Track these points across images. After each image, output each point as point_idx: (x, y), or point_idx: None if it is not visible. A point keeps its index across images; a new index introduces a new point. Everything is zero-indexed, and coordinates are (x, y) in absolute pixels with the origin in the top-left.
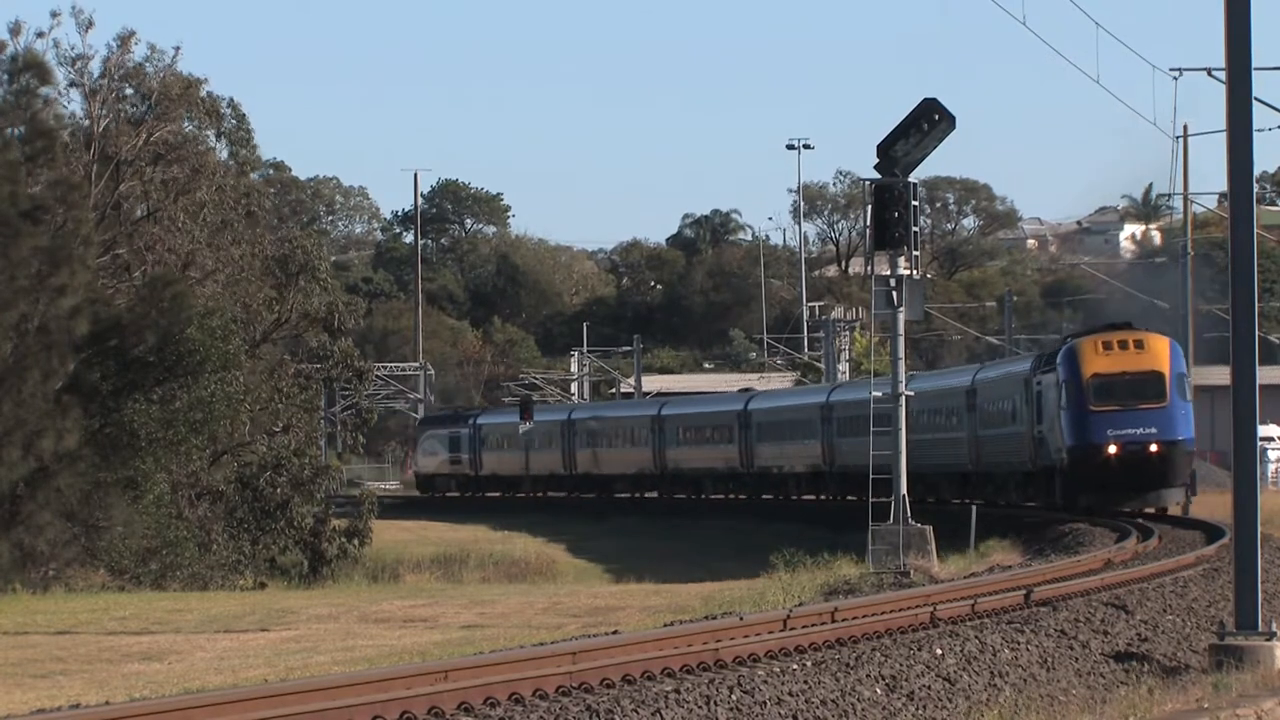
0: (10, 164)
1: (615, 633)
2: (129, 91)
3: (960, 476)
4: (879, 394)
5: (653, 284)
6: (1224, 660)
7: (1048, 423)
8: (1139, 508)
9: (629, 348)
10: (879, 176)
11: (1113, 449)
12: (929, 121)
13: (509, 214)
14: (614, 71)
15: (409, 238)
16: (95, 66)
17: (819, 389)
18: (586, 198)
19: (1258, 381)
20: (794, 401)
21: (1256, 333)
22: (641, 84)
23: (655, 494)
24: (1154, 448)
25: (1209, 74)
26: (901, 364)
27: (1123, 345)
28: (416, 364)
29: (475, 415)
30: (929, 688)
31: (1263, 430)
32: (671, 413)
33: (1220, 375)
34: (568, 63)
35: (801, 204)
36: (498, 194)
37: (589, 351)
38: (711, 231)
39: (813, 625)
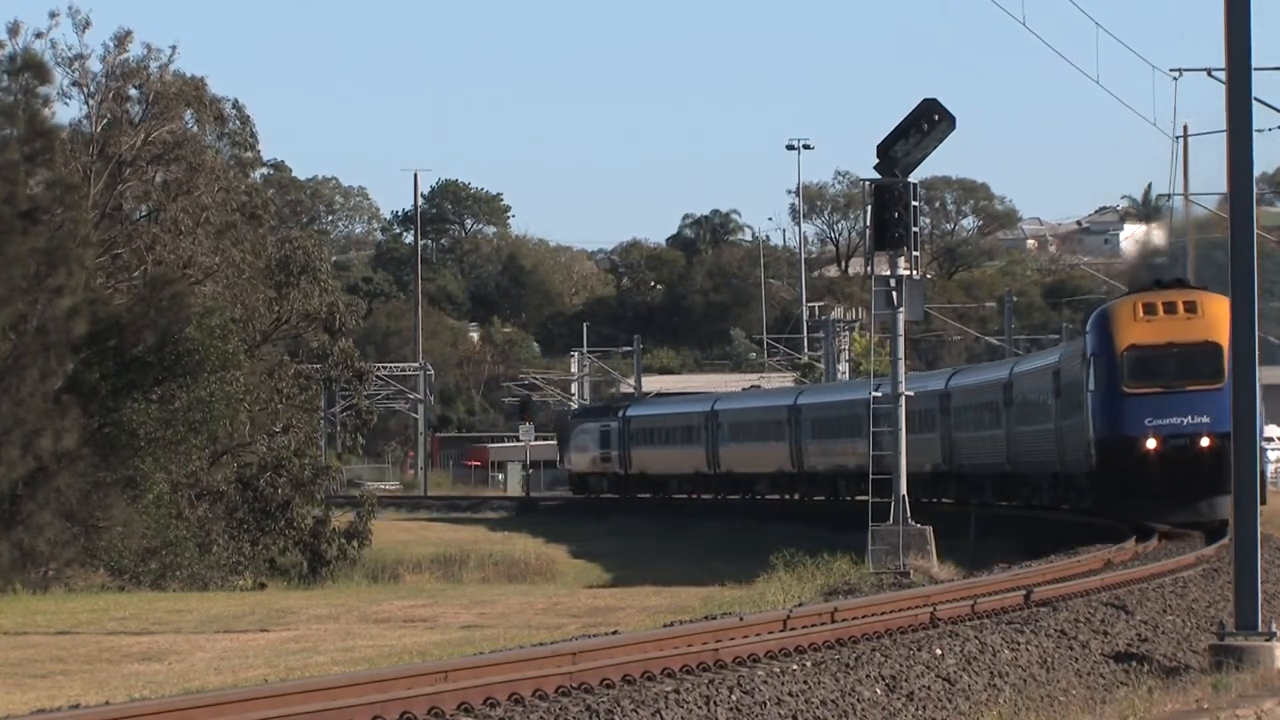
0: (8, 164)
1: (615, 633)
2: (129, 91)
3: (999, 477)
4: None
5: (653, 284)
6: (1224, 660)
7: (1068, 412)
8: (1187, 520)
9: (629, 348)
10: (879, 177)
11: (1152, 443)
12: (929, 122)
13: (509, 214)
14: (614, 71)
15: (409, 238)
16: (93, 66)
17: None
18: (586, 198)
19: (1258, 382)
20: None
21: (1256, 333)
22: (641, 84)
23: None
24: (1206, 442)
25: (1209, 74)
26: (901, 364)
27: (1169, 308)
28: (416, 364)
29: (625, 407)
30: (929, 688)
31: (1264, 430)
32: (808, 402)
33: None
34: (568, 63)
35: (801, 204)
36: (498, 194)
37: (589, 352)
38: (711, 231)
39: (813, 625)
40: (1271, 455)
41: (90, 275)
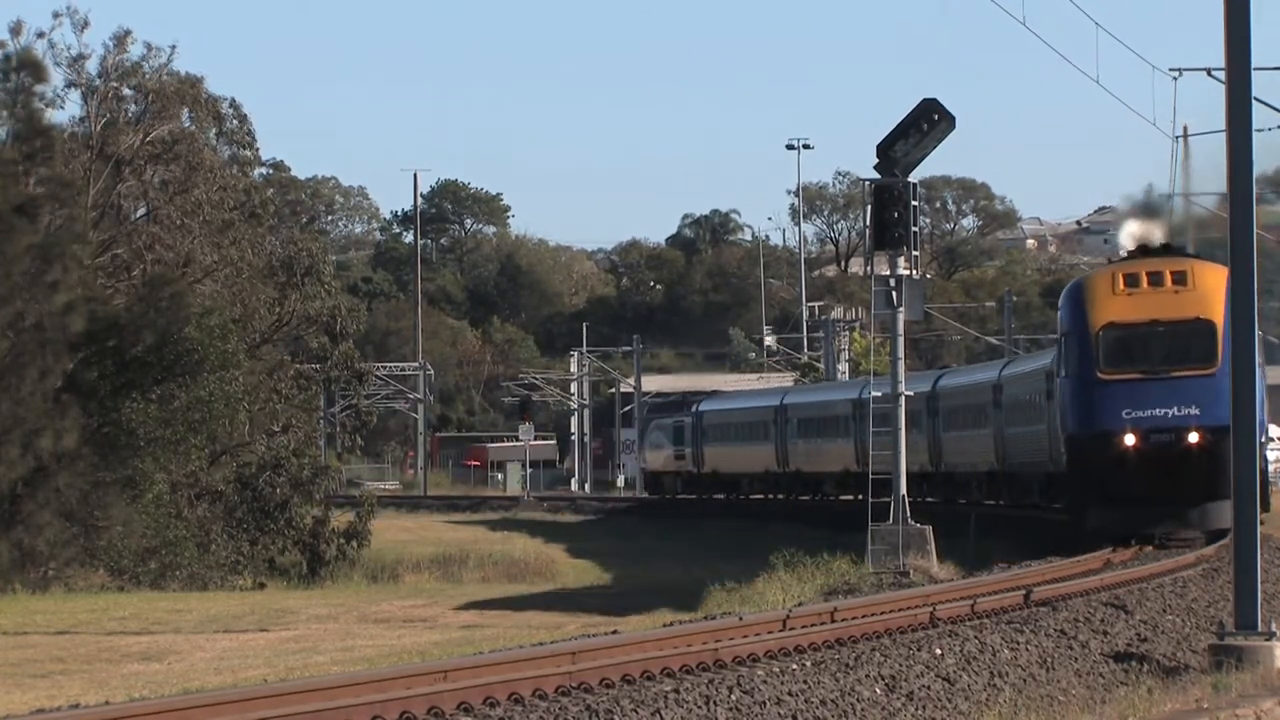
0: (4, 162)
1: (615, 633)
2: (127, 91)
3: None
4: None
5: (652, 284)
6: (1224, 660)
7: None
8: (1174, 531)
9: (629, 348)
10: (879, 176)
11: (1131, 440)
12: (929, 121)
13: (509, 214)
14: (613, 71)
15: (409, 238)
16: (92, 66)
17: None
18: (586, 198)
19: (1259, 380)
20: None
21: (1256, 333)
22: (641, 84)
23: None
24: (1195, 437)
25: (1209, 74)
26: (901, 364)
27: (1155, 280)
28: (416, 364)
29: (699, 401)
30: (928, 688)
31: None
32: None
33: None
34: (567, 63)
35: (801, 204)
36: (498, 194)
37: (589, 351)
38: (711, 231)
39: (812, 625)
40: (1271, 455)
41: (88, 273)
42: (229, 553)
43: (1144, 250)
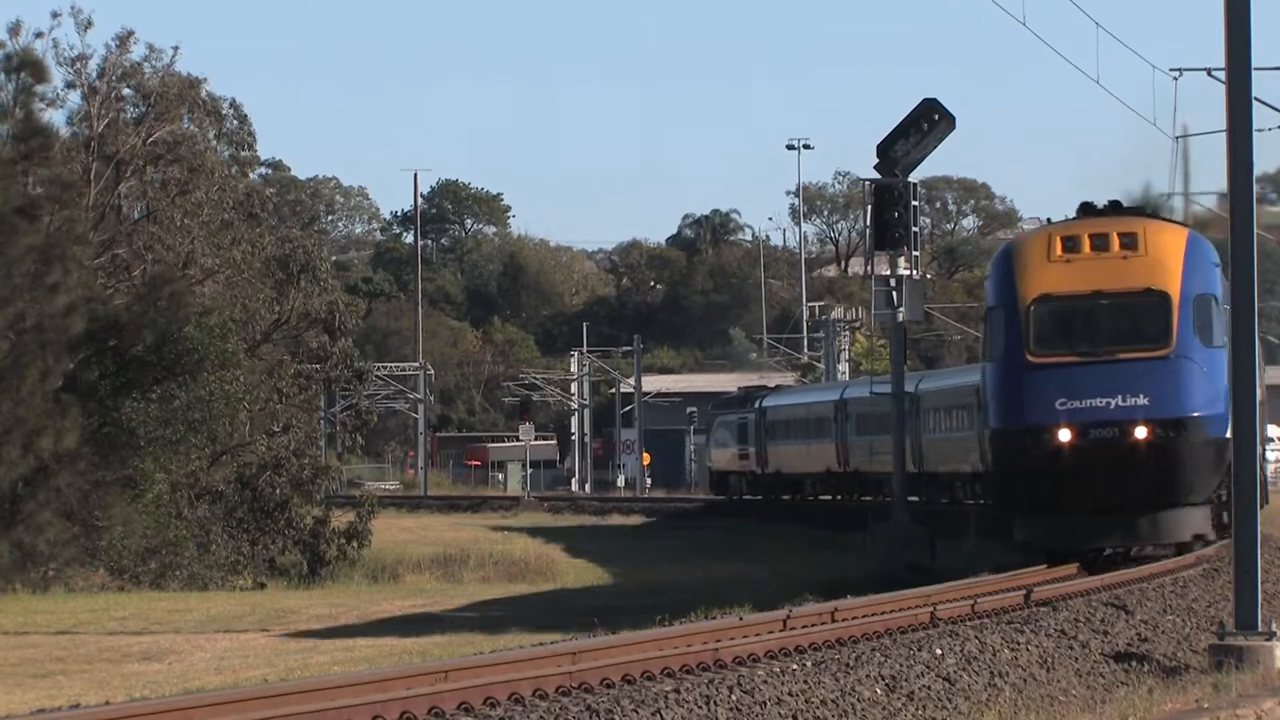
0: (7, 163)
1: (615, 633)
2: (128, 91)
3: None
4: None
5: (653, 284)
6: (1224, 660)
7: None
8: (1122, 546)
9: (629, 348)
10: (879, 177)
11: (1066, 435)
12: (929, 122)
13: (509, 214)
14: (614, 71)
15: (409, 238)
16: (94, 66)
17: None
18: (586, 198)
19: (1259, 382)
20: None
21: (1257, 333)
22: (641, 84)
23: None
24: (1143, 433)
25: (1209, 74)
26: (903, 363)
27: (1099, 243)
28: (416, 364)
29: (762, 396)
30: (929, 688)
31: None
32: (929, 388)
33: None
34: (567, 63)
35: (801, 204)
36: (498, 194)
37: (589, 351)
38: (711, 231)
39: (812, 625)
40: (1270, 455)
41: (89, 273)
42: (229, 553)
43: (1087, 209)
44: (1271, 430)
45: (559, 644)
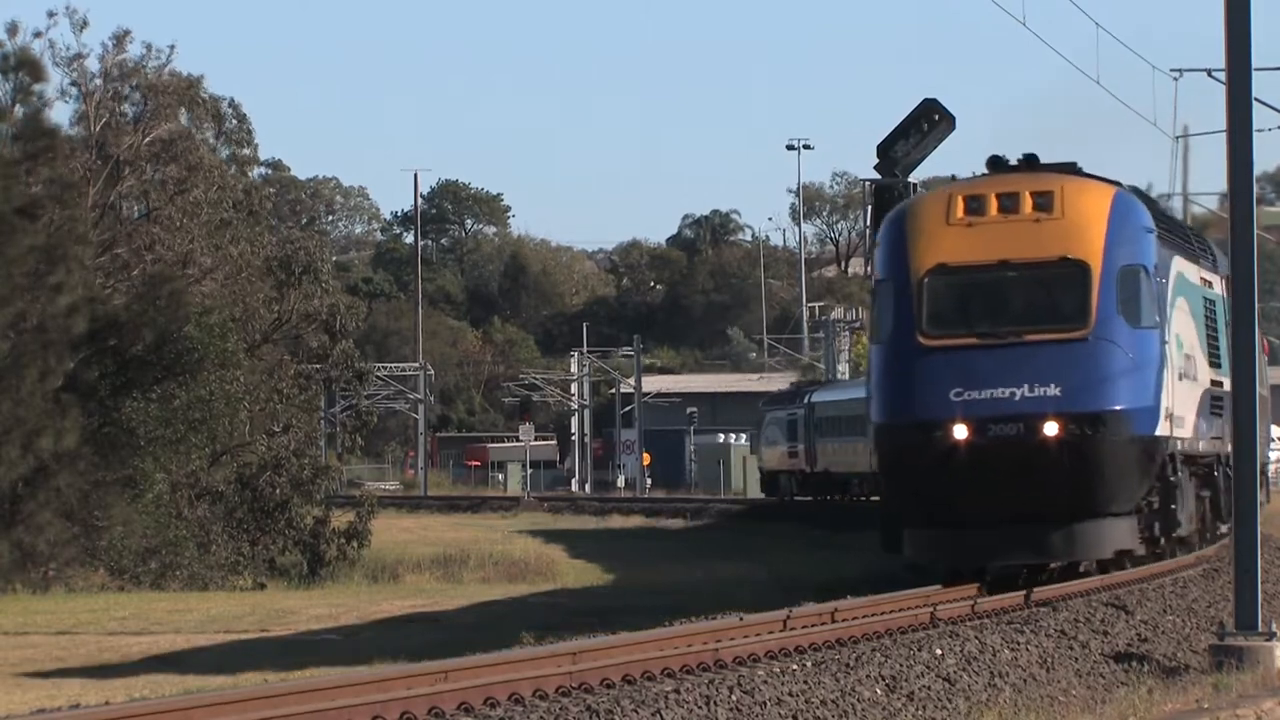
0: (5, 162)
1: (615, 633)
2: (126, 90)
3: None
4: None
5: (653, 284)
6: (1224, 660)
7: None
8: (1031, 564)
9: (629, 348)
10: (879, 177)
11: (961, 431)
12: (929, 122)
13: (509, 214)
14: (613, 72)
15: (409, 238)
16: (92, 66)
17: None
18: (587, 198)
19: (1259, 383)
20: None
21: (1258, 333)
22: (641, 84)
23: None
24: (1053, 429)
25: (1209, 74)
26: None
27: (1007, 204)
28: (416, 364)
29: (811, 391)
30: (929, 688)
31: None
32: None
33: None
34: (567, 63)
35: (801, 204)
36: (498, 194)
37: (589, 352)
38: (711, 232)
39: (813, 625)
40: (1271, 456)
41: (89, 273)
42: (229, 553)
43: (996, 163)
44: (1274, 430)
45: (559, 644)
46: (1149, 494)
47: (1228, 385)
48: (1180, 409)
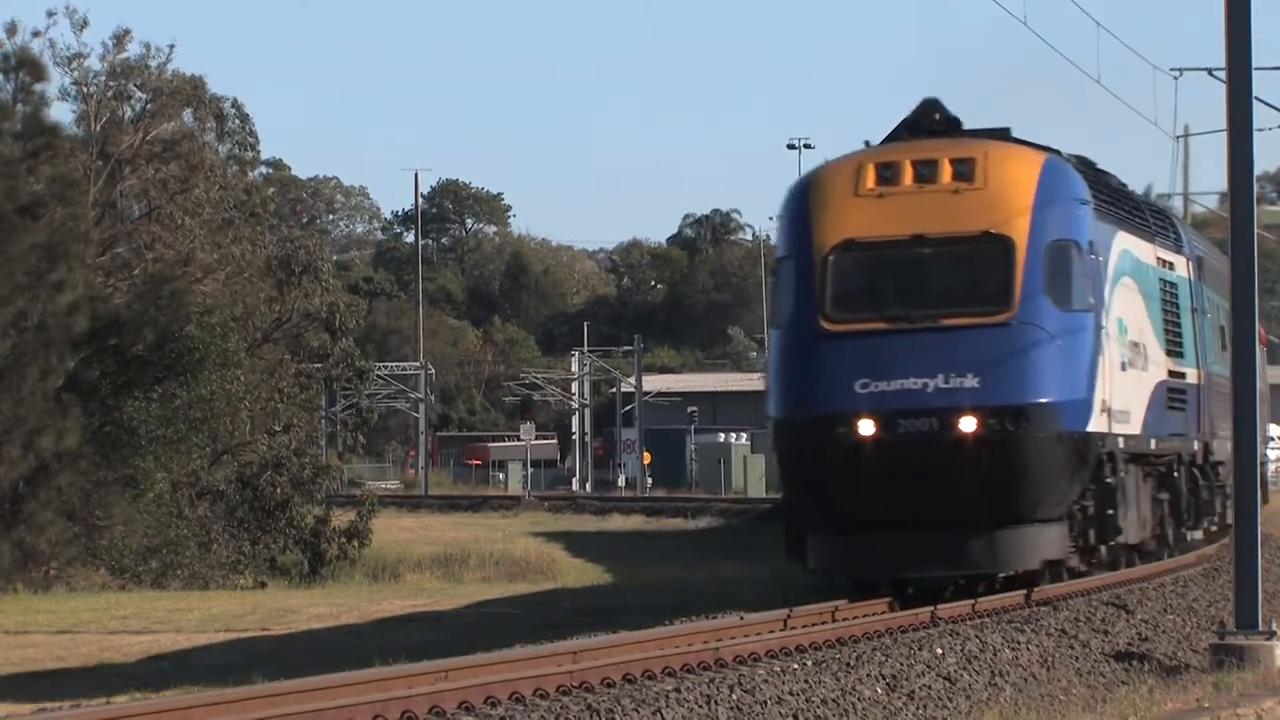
0: (6, 160)
1: (615, 632)
2: (131, 90)
3: None
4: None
5: (653, 283)
6: (1224, 659)
7: None
8: (948, 575)
9: (629, 347)
10: None
11: (868, 427)
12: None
13: (510, 214)
14: (614, 71)
15: (409, 237)
16: (92, 65)
17: None
18: (587, 197)
19: (1259, 381)
20: None
21: (1258, 332)
22: (642, 84)
23: None
24: (970, 424)
25: (1209, 74)
26: None
27: (923, 173)
28: (417, 364)
29: None
30: (929, 687)
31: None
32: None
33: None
34: (567, 63)
35: None
36: (498, 194)
37: (589, 351)
38: (712, 231)
39: (813, 625)
40: (1271, 454)
41: (91, 272)
42: (230, 552)
43: (913, 127)
44: (1272, 429)
45: (560, 643)
46: (1082, 497)
47: (1192, 376)
48: (1122, 402)
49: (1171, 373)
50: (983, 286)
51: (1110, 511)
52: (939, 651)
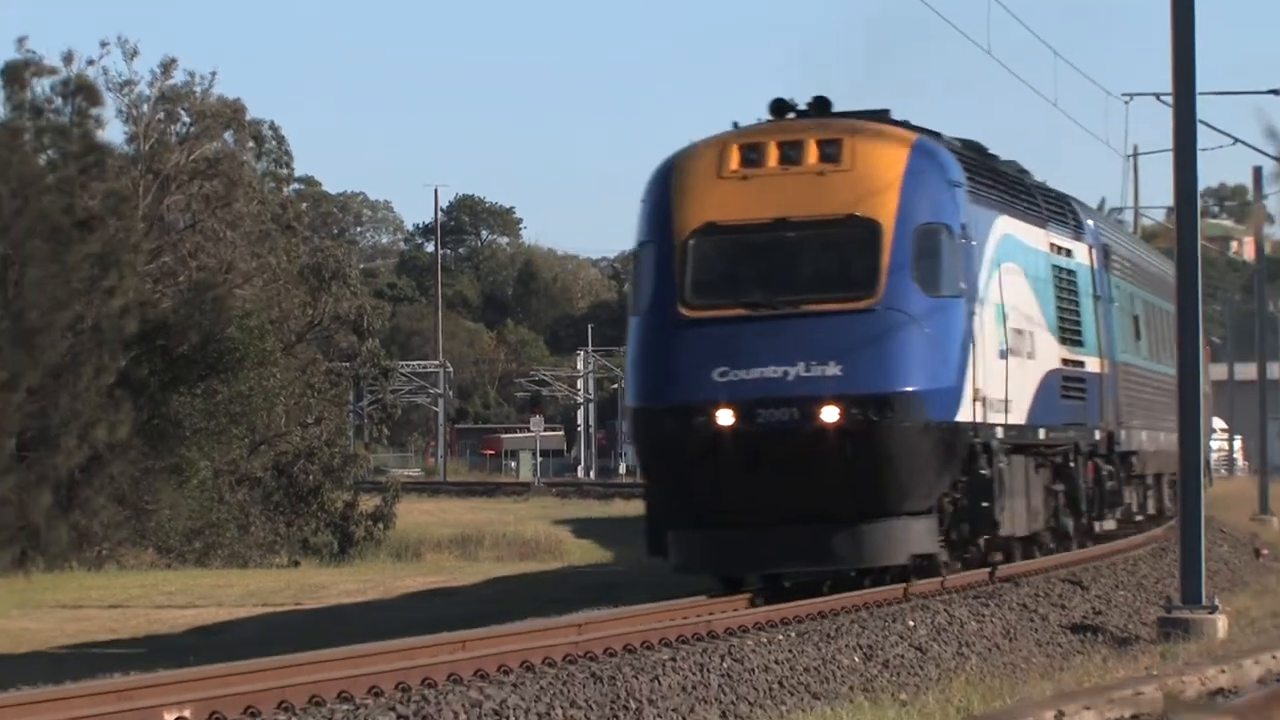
0: (66, 178)
1: (618, 606)
2: (178, 113)
3: None
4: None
5: None
6: (1171, 631)
7: None
8: (813, 571)
9: None
10: None
11: (726, 418)
12: None
13: (521, 226)
14: (615, 82)
15: (430, 247)
16: (142, 90)
17: None
18: (591, 211)
19: (1200, 377)
20: None
21: (1201, 334)
22: (642, 89)
23: None
24: (832, 414)
25: (1157, 98)
26: None
27: (790, 154)
28: (437, 362)
29: None
30: (903, 656)
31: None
32: None
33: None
34: (573, 86)
35: None
36: (510, 208)
37: (593, 351)
38: None
39: (798, 599)
40: (1213, 445)
41: (140, 279)
42: (267, 533)
43: (781, 108)
44: (1216, 422)
45: (567, 616)
46: (953, 489)
47: (1093, 365)
48: (1001, 390)
49: (1067, 361)
50: (847, 271)
51: (985, 504)
52: (911, 624)
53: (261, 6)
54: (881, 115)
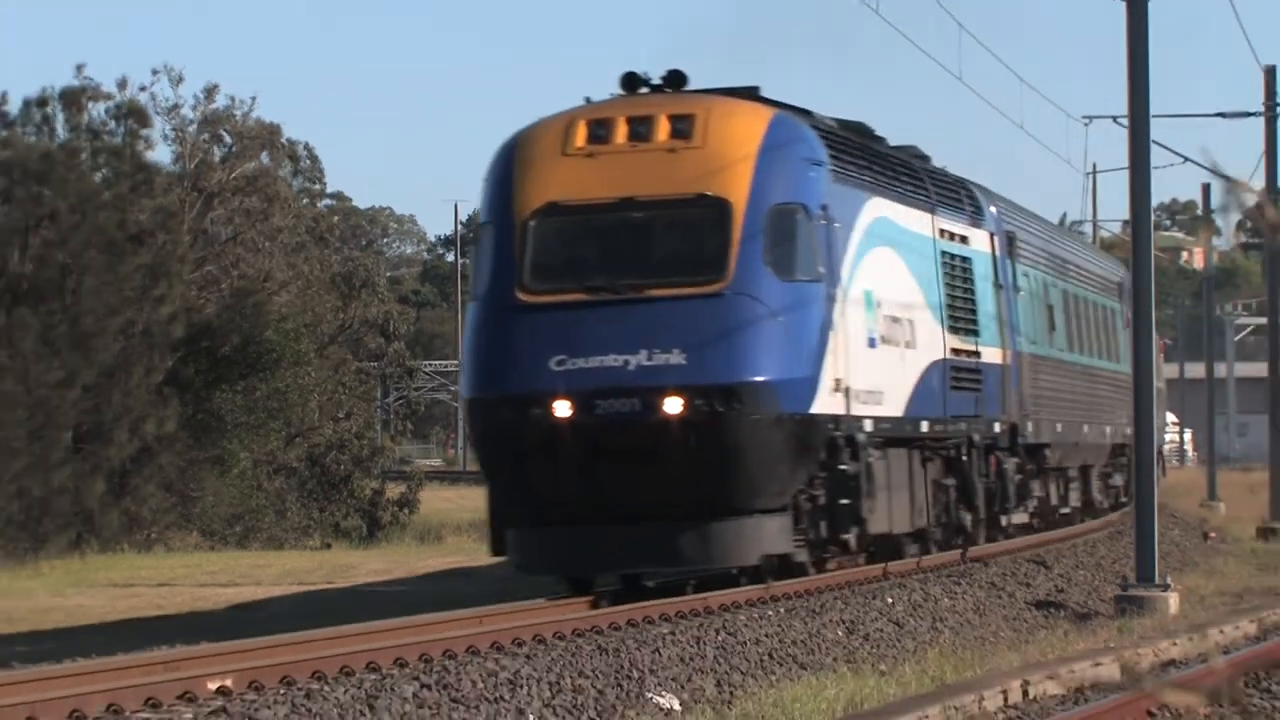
0: (120, 196)
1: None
2: (222, 135)
3: None
4: None
5: None
6: (1127, 608)
7: None
8: (660, 571)
9: None
10: None
11: (563, 409)
12: None
13: None
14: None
15: (450, 257)
16: (187, 114)
17: None
18: None
19: (1156, 377)
20: None
21: (1154, 335)
22: None
23: None
24: (676, 405)
25: (1115, 121)
26: None
27: (640, 130)
28: (456, 362)
29: None
30: (882, 630)
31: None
32: None
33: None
34: (577, 99)
35: None
36: None
37: None
38: None
39: (786, 579)
40: (1165, 438)
41: (186, 287)
42: (301, 518)
43: (633, 81)
44: (1169, 416)
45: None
46: (811, 485)
47: (992, 356)
48: (870, 381)
49: (959, 351)
50: (695, 254)
51: (847, 500)
52: (890, 600)
53: (298, 38)
54: (750, 92)
